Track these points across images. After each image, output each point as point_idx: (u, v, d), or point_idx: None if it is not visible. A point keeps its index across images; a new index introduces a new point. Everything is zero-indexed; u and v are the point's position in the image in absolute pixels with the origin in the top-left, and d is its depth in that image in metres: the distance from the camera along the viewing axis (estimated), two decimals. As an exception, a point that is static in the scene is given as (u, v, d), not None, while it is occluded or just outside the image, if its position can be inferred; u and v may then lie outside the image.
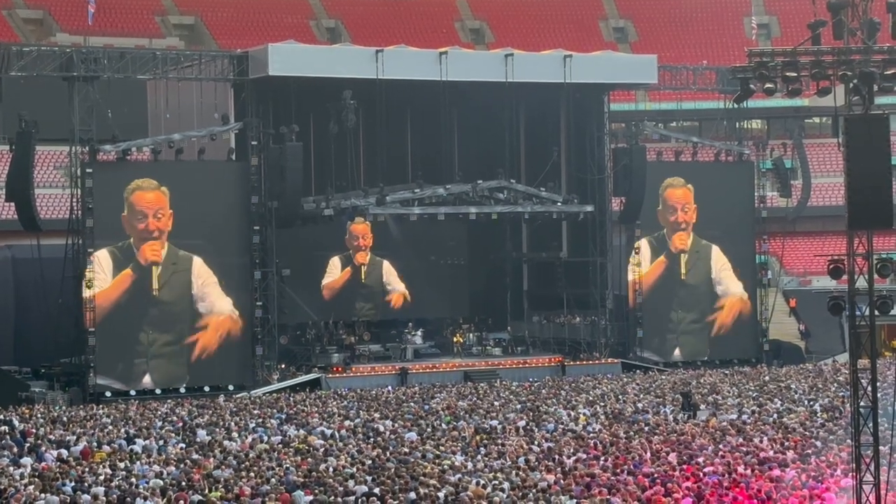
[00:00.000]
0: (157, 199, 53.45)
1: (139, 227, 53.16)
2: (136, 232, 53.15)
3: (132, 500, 26.35)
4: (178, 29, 78.23)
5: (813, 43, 23.56)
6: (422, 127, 60.35)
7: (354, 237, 62.12)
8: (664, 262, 63.05)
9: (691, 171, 63.69)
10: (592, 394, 47.18)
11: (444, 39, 71.58)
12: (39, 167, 59.98)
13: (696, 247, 63.40)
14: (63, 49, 55.18)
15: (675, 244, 63.02)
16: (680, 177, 63.27)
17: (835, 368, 55.22)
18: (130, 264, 53.06)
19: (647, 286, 62.65)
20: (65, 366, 53.65)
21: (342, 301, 62.03)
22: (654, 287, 62.84)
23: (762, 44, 78.10)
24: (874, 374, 22.83)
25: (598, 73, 60.40)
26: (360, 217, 58.39)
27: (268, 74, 53.89)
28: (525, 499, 25.68)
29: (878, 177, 22.52)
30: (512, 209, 58.93)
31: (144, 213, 53.18)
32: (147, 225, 53.20)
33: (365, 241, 62.17)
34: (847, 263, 22.85)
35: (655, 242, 62.82)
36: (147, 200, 53.31)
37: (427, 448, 33.64)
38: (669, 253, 63.08)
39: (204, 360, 54.09)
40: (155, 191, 53.41)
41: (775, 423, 37.54)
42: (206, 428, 38.59)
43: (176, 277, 53.89)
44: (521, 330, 63.98)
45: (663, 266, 63.04)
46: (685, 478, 28.14)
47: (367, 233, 61.78)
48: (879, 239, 29.17)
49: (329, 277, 62.11)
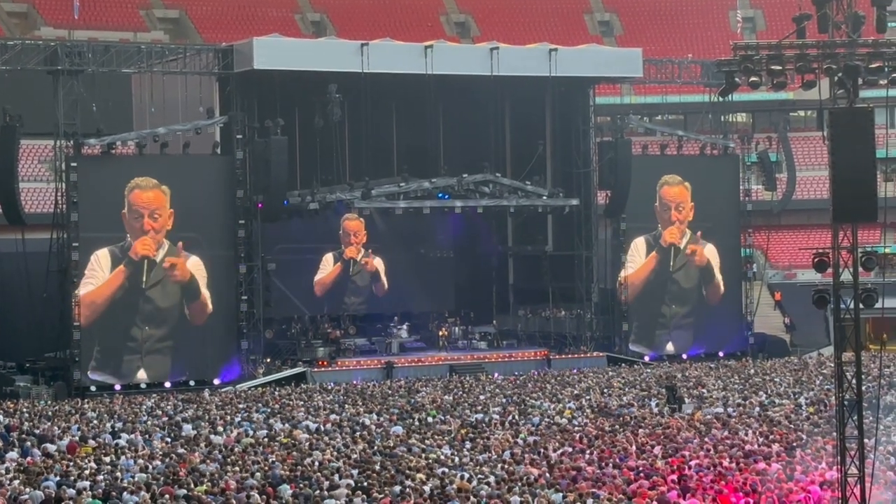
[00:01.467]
0: (155, 199, 53.42)
1: (136, 226, 53.14)
2: (134, 230, 53.14)
3: (118, 495, 26.30)
4: (162, 23, 78.05)
5: (798, 36, 23.58)
6: (407, 121, 60.34)
7: (347, 234, 62.02)
8: (656, 257, 63.02)
9: (675, 164, 63.65)
10: (578, 387, 47.23)
11: (429, 33, 71.58)
12: (24, 161, 59.88)
13: (692, 242, 63.39)
14: (47, 43, 55.08)
15: (666, 239, 63.00)
16: (676, 174, 63.23)
17: (819, 361, 55.38)
18: (124, 261, 53.06)
19: (639, 281, 62.61)
20: (49, 360, 53.56)
21: (332, 296, 62.01)
22: (647, 281, 62.83)
23: (747, 37, 78.19)
24: (859, 367, 22.86)
25: (584, 66, 60.38)
26: (353, 213, 58.39)
27: (253, 68, 53.79)
28: (511, 492, 25.68)
29: (862, 170, 22.55)
30: (497, 203, 58.92)
31: (140, 213, 53.16)
32: (142, 224, 53.18)
33: (357, 239, 62.11)
34: (832, 256, 22.87)
35: (652, 240, 62.81)
36: (145, 199, 53.27)
37: (413, 442, 33.65)
38: (661, 248, 63.04)
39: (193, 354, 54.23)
40: (154, 189, 53.36)
41: (760, 416, 37.62)
42: (191, 422, 38.56)
43: (168, 275, 53.96)
44: (507, 324, 64.03)
45: (655, 261, 63.01)
46: (670, 471, 28.18)
47: (360, 230, 61.74)
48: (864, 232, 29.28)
49: (321, 273, 62.04)
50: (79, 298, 51.88)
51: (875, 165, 23.28)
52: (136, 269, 53.36)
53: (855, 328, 22.92)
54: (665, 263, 63.30)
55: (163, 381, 53.22)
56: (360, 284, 62.79)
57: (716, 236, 64.06)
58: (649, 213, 62.79)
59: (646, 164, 62.53)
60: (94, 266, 52.59)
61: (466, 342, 61.05)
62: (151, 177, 53.45)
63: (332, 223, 60.78)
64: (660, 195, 63.07)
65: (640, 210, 62.28)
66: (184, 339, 54.02)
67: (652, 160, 63.47)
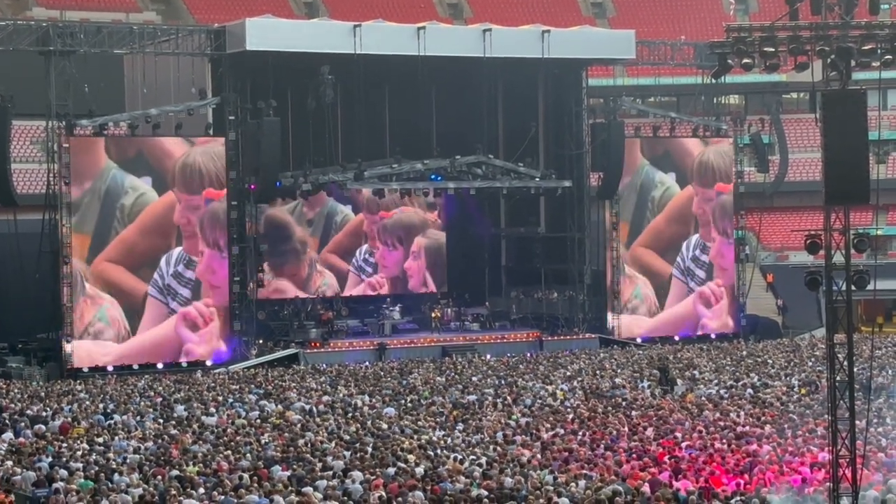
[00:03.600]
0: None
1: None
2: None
3: (110, 475, 26.33)
4: (154, 3, 77.80)
5: (791, 18, 23.55)
6: (400, 102, 60.25)
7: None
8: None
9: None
10: (570, 369, 47.28)
11: (421, 14, 71.38)
12: (16, 142, 59.77)
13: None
14: (39, 23, 54.89)
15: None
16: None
17: (811, 343, 55.44)
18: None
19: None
20: (41, 341, 53.54)
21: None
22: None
23: (740, 19, 78.20)
24: (850, 348, 22.89)
25: (576, 48, 60.29)
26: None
27: (245, 49, 53.68)
28: (503, 473, 25.73)
29: (855, 152, 22.55)
30: (490, 184, 58.90)
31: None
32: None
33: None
34: (824, 238, 22.88)
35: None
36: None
37: (405, 423, 33.70)
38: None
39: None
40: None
41: (752, 397, 37.71)
42: (183, 403, 38.58)
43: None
44: (499, 305, 64.06)
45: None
46: (662, 452, 28.25)
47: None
48: (857, 214, 29.26)
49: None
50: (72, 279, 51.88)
51: (868, 147, 23.27)
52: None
53: (847, 310, 22.93)
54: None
55: (155, 362, 53.21)
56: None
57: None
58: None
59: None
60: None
61: (459, 324, 61.09)
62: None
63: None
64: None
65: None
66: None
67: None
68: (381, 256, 62.67)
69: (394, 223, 62.97)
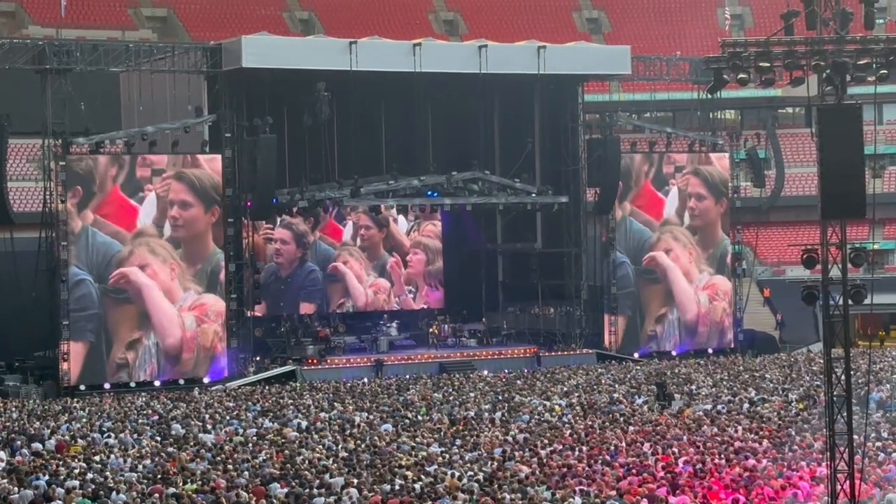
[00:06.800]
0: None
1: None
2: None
3: (107, 494, 26.27)
4: (150, 21, 77.92)
5: (786, 33, 23.62)
6: (396, 118, 60.31)
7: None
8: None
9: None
10: (567, 384, 47.24)
11: (417, 31, 71.56)
12: (12, 160, 59.82)
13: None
14: (35, 42, 54.99)
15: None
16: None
17: (809, 358, 55.44)
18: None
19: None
20: (38, 359, 53.48)
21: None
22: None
23: (735, 34, 78.23)
24: (848, 363, 22.91)
25: (572, 64, 60.34)
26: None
27: (241, 66, 53.71)
28: (501, 489, 25.69)
29: (851, 166, 22.61)
30: (486, 200, 58.90)
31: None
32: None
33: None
34: (821, 253, 22.92)
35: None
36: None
37: (403, 440, 33.66)
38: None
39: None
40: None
41: (749, 412, 37.67)
42: (181, 421, 38.52)
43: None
44: (497, 321, 64.03)
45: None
46: (660, 468, 28.21)
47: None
48: (853, 228, 29.32)
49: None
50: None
51: (863, 162, 23.35)
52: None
53: (844, 324, 22.96)
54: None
55: (152, 379, 53.16)
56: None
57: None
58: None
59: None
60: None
61: (456, 340, 61.05)
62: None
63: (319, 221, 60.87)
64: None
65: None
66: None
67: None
68: (382, 271, 62.74)
69: (390, 239, 63.02)
